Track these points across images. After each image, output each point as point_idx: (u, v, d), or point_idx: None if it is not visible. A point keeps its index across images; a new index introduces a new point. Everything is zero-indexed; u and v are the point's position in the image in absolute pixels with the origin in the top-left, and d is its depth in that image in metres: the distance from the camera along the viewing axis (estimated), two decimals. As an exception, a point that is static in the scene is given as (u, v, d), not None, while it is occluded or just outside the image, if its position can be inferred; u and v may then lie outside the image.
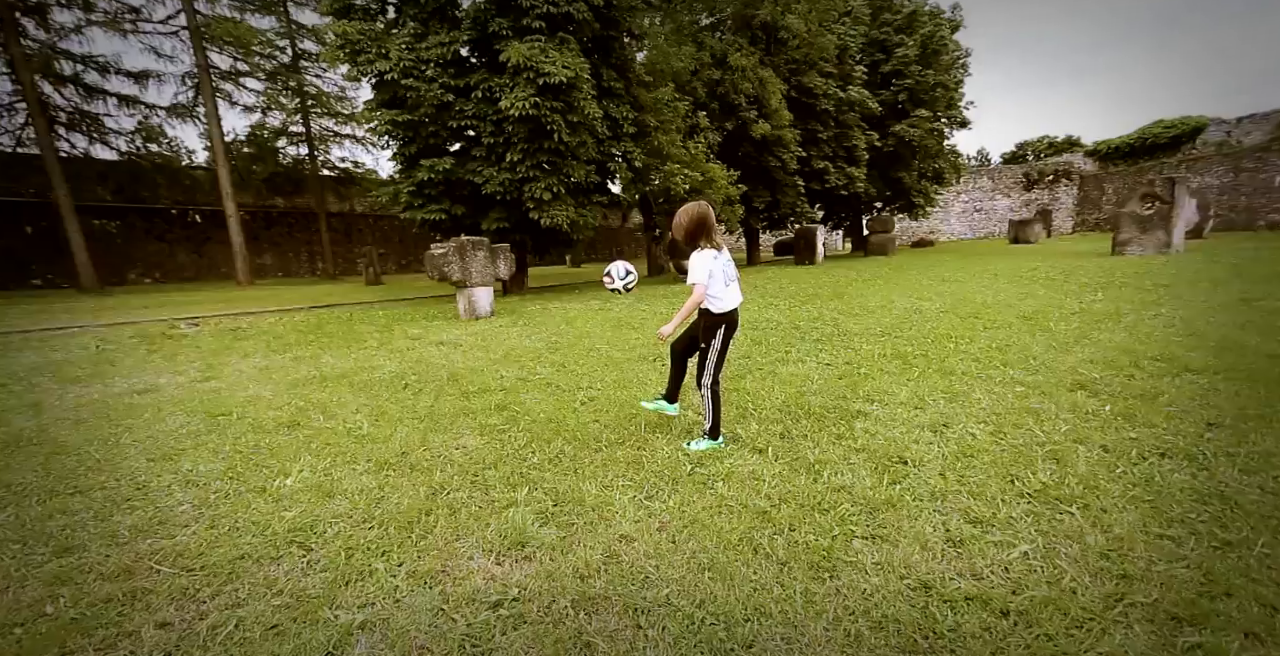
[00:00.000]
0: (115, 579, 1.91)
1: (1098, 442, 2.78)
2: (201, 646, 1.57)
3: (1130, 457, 2.61)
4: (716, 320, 2.91)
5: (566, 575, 1.87)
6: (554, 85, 8.97)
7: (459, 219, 10.45)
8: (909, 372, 4.17)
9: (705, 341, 2.94)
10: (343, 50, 10.00)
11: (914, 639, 1.55)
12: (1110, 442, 2.77)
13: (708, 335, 2.93)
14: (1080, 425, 3.02)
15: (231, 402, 4.11)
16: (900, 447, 2.82)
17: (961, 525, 2.12)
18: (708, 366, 2.94)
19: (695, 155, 13.87)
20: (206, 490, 2.59)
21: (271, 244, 22.33)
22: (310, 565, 1.96)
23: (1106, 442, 2.77)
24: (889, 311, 6.97)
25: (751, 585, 1.81)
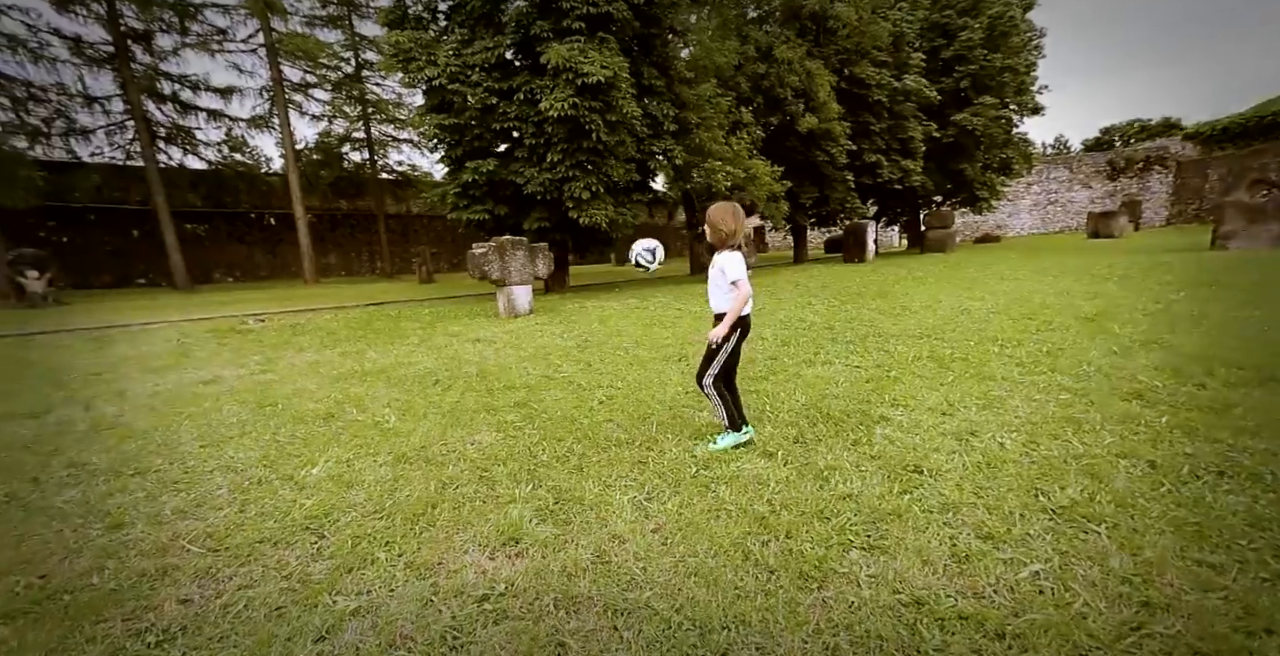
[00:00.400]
0: (152, 555, 2.09)
1: (1144, 458, 2.56)
2: (213, 623, 1.70)
3: (1180, 475, 2.39)
4: (738, 321, 2.87)
5: (554, 573, 1.90)
6: (592, 85, 9.06)
7: (502, 219, 10.73)
8: (943, 377, 3.97)
9: (720, 344, 2.89)
10: (396, 59, 10.46)
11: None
12: (1160, 458, 2.55)
13: (726, 337, 2.88)
14: (1128, 438, 2.80)
15: (279, 394, 4.40)
16: (919, 456, 2.69)
17: (970, 540, 2.01)
18: (713, 366, 2.91)
19: (737, 152, 13.66)
20: (242, 476, 2.79)
21: (335, 245, 23.72)
22: (319, 551, 2.08)
23: (1155, 458, 2.55)
24: (933, 312, 6.65)
25: (736, 592, 1.78)
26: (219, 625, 1.68)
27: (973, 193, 22.80)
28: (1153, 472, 2.43)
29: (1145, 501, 2.19)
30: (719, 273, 2.84)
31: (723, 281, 2.82)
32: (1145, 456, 2.57)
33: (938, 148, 21.05)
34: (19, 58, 16.85)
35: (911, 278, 10.82)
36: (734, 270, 2.76)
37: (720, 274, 2.82)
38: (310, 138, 22.68)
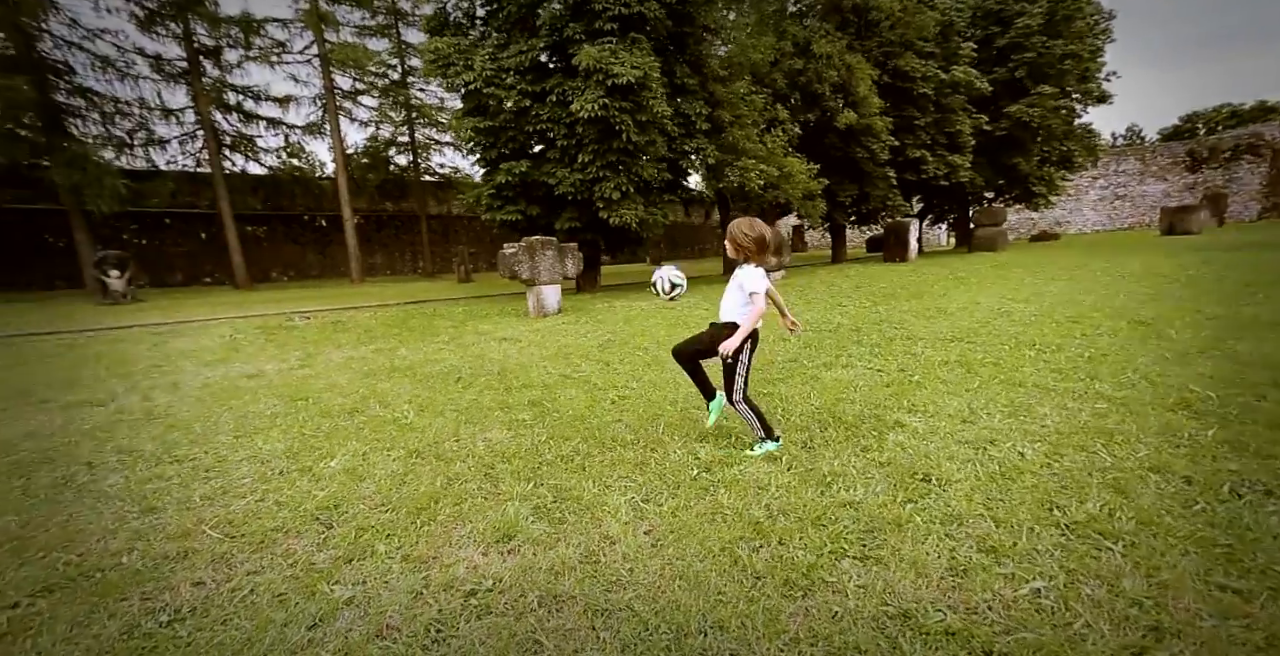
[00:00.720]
0: (176, 539, 2.24)
1: (1180, 473, 2.40)
2: (219, 606, 1.81)
3: (1219, 493, 2.22)
4: (750, 335, 2.83)
5: (541, 571, 1.94)
6: (622, 86, 9.10)
7: (534, 219, 10.91)
8: (968, 383, 3.81)
9: (734, 356, 2.84)
10: (435, 64, 10.79)
11: (872, 672, 1.45)
12: (1197, 474, 2.38)
13: (737, 350, 2.84)
14: (1165, 451, 2.62)
15: (312, 389, 4.62)
16: (930, 464, 2.60)
17: (971, 553, 1.93)
18: (738, 382, 2.86)
19: (772, 150, 13.44)
20: (267, 467, 2.95)
21: (381, 245, 24.68)
22: (325, 541, 2.18)
23: (1192, 474, 2.38)
24: (970, 314, 6.38)
25: (719, 597, 1.77)
26: (225, 608, 1.79)
27: (1027, 188, 21.68)
28: (1187, 489, 2.27)
29: (1173, 519, 2.05)
30: (738, 287, 2.80)
31: (740, 295, 2.78)
32: (1181, 471, 2.40)
33: (989, 141, 20.14)
34: (109, 76, 18.32)
35: (953, 278, 10.41)
36: (752, 283, 2.73)
37: (739, 288, 2.78)
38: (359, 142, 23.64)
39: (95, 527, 2.36)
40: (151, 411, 4.24)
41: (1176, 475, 2.38)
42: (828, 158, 17.23)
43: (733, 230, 2.82)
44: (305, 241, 23.47)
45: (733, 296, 2.84)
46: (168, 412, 4.19)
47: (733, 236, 2.81)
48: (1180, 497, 2.21)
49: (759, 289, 2.71)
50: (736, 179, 13.02)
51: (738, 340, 2.73)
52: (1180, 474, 2.39)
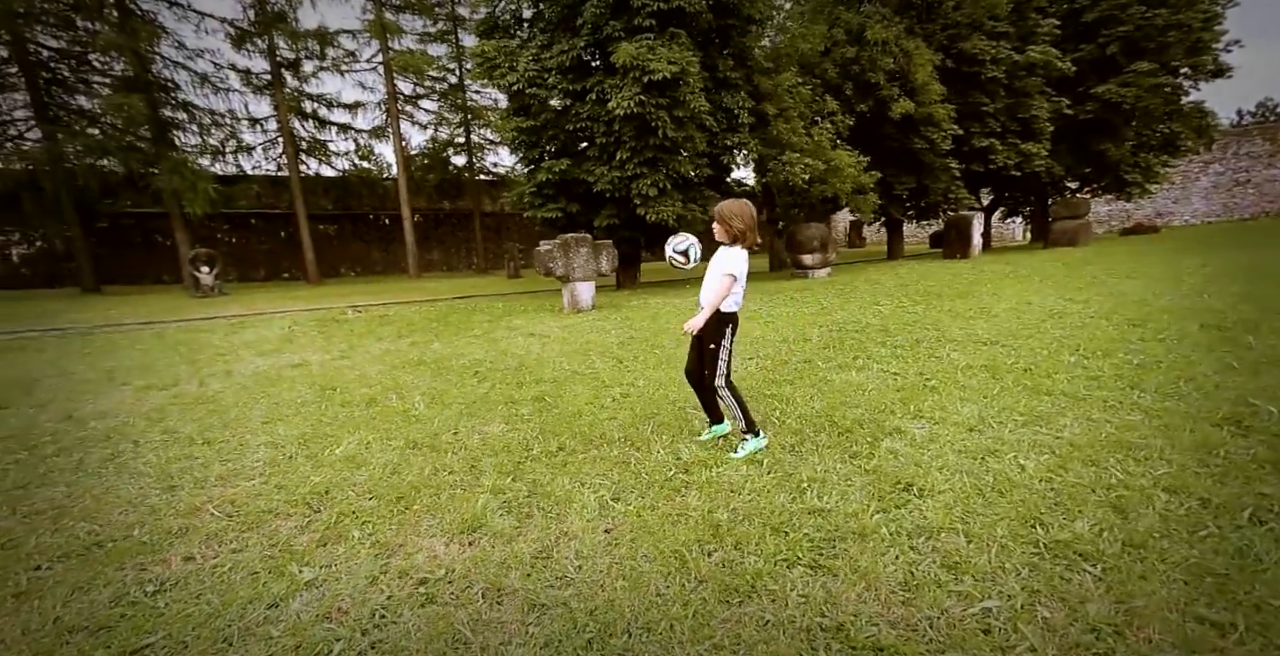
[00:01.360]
0: (183, 515, 2.46)
1: (1197, 494, 2.17)
2: (199, 580, 1.97)
3: (1236, 518, 2.01)
4: (727, 318, 2.82)
5: (494, 563, 1.99)
6: (658, 82, 9.06)
7: (574, 217, 11.07)
8: (989, 389, 3.57)
9: (714, 341, 2.82)
10: (481, 67, 11.13)
11: (784, 685, 1.41)
12: (1218, 496, 2.15)
13: (717, 335, 2.82)
14: (1189, 470, 2.38)
15: (343, 379, 4.91)
16: (917, 473, 2.47)
17: (932, 568, 1.83)
18: (720, 367, 2.85)
19: (819, 142, 13.01)
20: (279, 452, 3.17)
21: (439, 242, 25.80)
22: (308, 525, 2.33)
23: (1212, 496, 2.15)
24: (1017, 315, 5.96)
25: (655, 598, 1.76)
26: (204, 583, 1.95)
27: (1118, 177, 19.70)
28: (1200, 512, 2.06)
29: (1169, 543, 1.87)
30: (718, 268, 2.76)
31: (717, 275, 2.74)
32: (1200, 492, 2.18)
33: (1072, 126, 18.48)
34: (205, 91, 20.14)
35: (1013, 276, 9.74)
36: (731, 265, 2.71)
37: (718, 269, 2.74)
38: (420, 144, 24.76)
39: (120, 501, 2.63)
40: (202, 396, 4.64)
41: (1192, 496, 2.16)
42: (883, 149, 16.50)
43: (723, 211, 2.78)
44: (370, 239, 24.89)
45: (712, 277, 2.78)
46: (215, 398, 4.57)
47: (724, 217, 2.76)
48: (1188, 521, 2.00)
49: (736, 271, 2.70)
50: (781, 173, 12.72)
51: (700, 320, 2.70)
52: (1198, 495, 2.16)
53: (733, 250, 2.75)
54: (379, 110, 22.90)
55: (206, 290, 15.82)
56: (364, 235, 24.82)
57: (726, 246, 2.79)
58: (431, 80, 23.26)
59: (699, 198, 11.62)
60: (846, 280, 11.13)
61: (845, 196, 14.21)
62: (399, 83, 22.05)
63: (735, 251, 2.75)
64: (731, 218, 2.75)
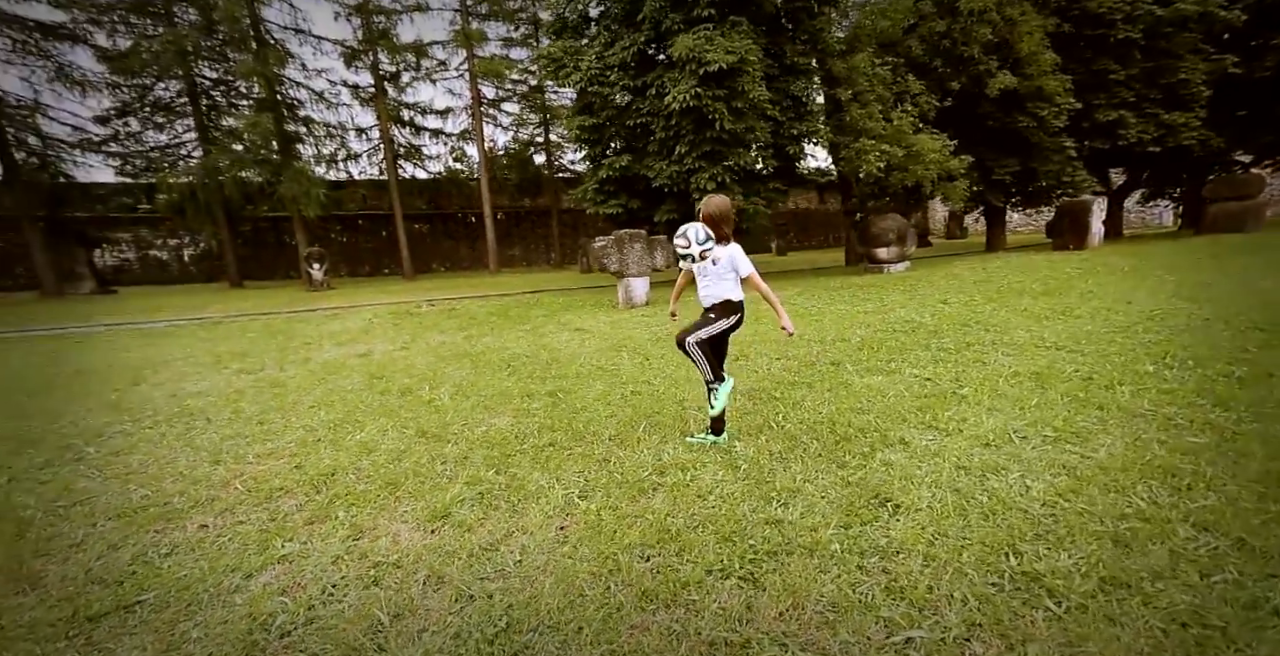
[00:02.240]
0: (215, 487, 2.80)
1: (1233, 533, 1.85)
2: (203, 547, 2.25)
3: (1272, 566, 1.68)
4: (738, 307, 2.86)
5: (443, 552, 2.10)
6: (715, 73, 8.87)
7: (635, 212, 11.15)
8: (1027, 400, 3.21)
9: (720, 314, 2.83)
10: (548, 68, 11.46)
11: (659, 699, 1.39)
12: (1260, 539, 1.82)
13: (724, 310, 2.84)
14: (1238, 504, 2.03)
15: (393, 369, 5.31)
16: (901, 488, 2.29)
17: (873, 590, 1.70)
18: (702, 333, 2.84)
19: (898, 127, 12.11)
20: (310, 435, 3.51)
21: (519, 238, 26.99)
22: (306, 503, 2.57)
23: (1251, 537, 1.82)
24: (1105, 316, 5.28)
25: (576, 599, 1.78)
26: (204, 550, 2.22)
27: (1312, 145, 16.30)
28: (1228, 554, 1.75)
29: (1164, 587, 1.61)
30: (731, 269, 2.79)
31: (728, 273, 2.79)
32: (1237, 532, 1.85)
33: (1240, 88, 15.52)
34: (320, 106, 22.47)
35: (1129, 270, 8.57)
36: (746, 264, 2.80)
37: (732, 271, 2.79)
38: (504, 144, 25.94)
39: (174, 470, 3.04)
40: (276, 381, 5.22)
41: (1227, 536, 1.83)
42: (979, 130, 15.09)
43: (719, 214, 2.79)
44: (458, 236, 26.56)
45: (720, 275, 2.81)
46: (285, 382, 5.12)
47: (720, 220, 2.78)
48: (1204, 563, 1.70)
49: (752, 268, 2.80)
50: (854, 162, 12.03)
51: (789, 321, 2.79)
52: (1234, 535, 1.83)
53: (738, 249, 2.82)
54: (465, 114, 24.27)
55: (317, 284, 17.68)
56: (453, 233, 26.54)
57: (719, 246, 2.77)
58: (513, 83, 24.26)
59: (763, 190, 11.27)
60: (922, 276, 10.34)
61: (929, 184, 13.16)
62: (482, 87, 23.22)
63: (740, 250, 2.82)
64: (724, 221, 2.80)
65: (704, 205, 2.83)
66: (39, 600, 1.94)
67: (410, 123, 25.02)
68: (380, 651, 1.59)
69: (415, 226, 25.29)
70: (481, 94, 22.93)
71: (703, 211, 2.83)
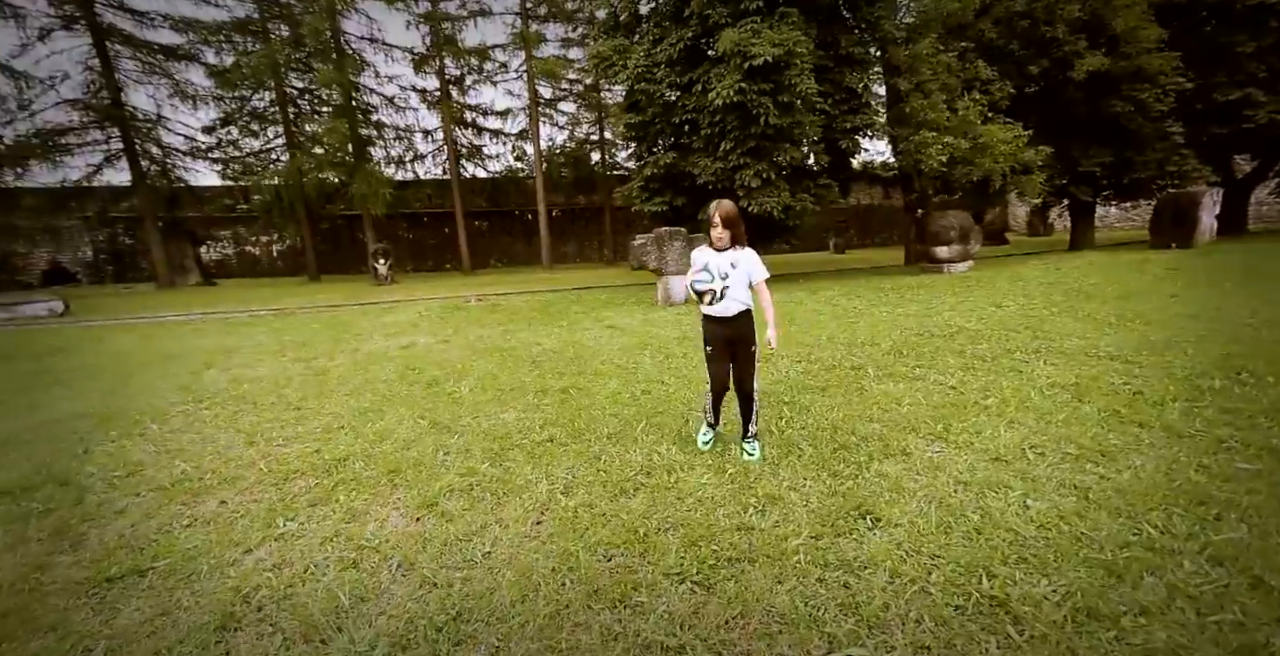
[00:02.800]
0: (243, 467, 3.05)
1: (1252, 570, 1.65)
2: (215, 522, 2.45)
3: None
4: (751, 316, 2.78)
5: (420, 540, 2.19)
6: (760, 67, 8.64)
7: (680, 210, 11.07)
8: (1056, 413, 2.96)
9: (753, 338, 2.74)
10: (597, 67, 11.58)
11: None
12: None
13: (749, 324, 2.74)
14: (1267, 539, 1.79)
15: (428, 361, 5.56)
16: (889, 501, 2.18)
17: (827, 604, 1.65)
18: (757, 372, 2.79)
19: (964, 117, 11.37)
20: (336, 421, 3.74)
21: (574, 235, 27.46)
22: (316, 485, 2.75)
23: (1272, 574, 1.61)
24: (1183, 325, 4.78)
25: (529, 593, 1.82)
26: (216, 525, 2.43)
27: None
28: (1240, 594, 1.56)
29: (1146, 622, 1.46)
30: (745, 274, 2.68)
31: (745, 278, 2.69)
32: (1257, 569, 1.64)
33: None
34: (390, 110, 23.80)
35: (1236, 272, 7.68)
36: (762, 270, 2.72)
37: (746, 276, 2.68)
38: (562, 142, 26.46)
39: (214, 450, 3.33)
40: (323, 369, 5.59)
41: (1244, 573, 1.63)
42: (1063, 117, 13.98)
43: (731, 217, 2.68)
44: (515, 233, 27.37)
45: (738, 281, 2.68)
46: (330, 371, 5.47)
47: (734, 221, 2.68)
48: (1205, 600, 1.53)
49: (766, 274, 2.72)
50: (912, 156, 11.42)
51: (776, 331, 2.72)
52: (1251, 573, 1.63)
53: (753, 252, 2.73)
54: (524, 115, 24.93)
55: (382, 279, 18.76)
56: (510, 229, 27.38)
57: (734, 250, 2.69)
58: (569, 82, 24.67)
59: (812, 187, 10.91)
60: (985, 276, 9.69)
61: (998, 178, 12.29)
62: (540, 88, 23.76)
63: (755, 255, 2.74)
64: (738, 223, 2.70)
65: (719, 211, 2.66)
66: (75, 560, 2.19)
67: (472, 124, 25.99)
68: (338, 631, 1.69)
69: (475, 223, 26.26)
70: (539, 94, 23.46)
71: (717, 215, 2.66)
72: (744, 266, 2.68)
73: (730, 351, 2.73)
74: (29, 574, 2.11)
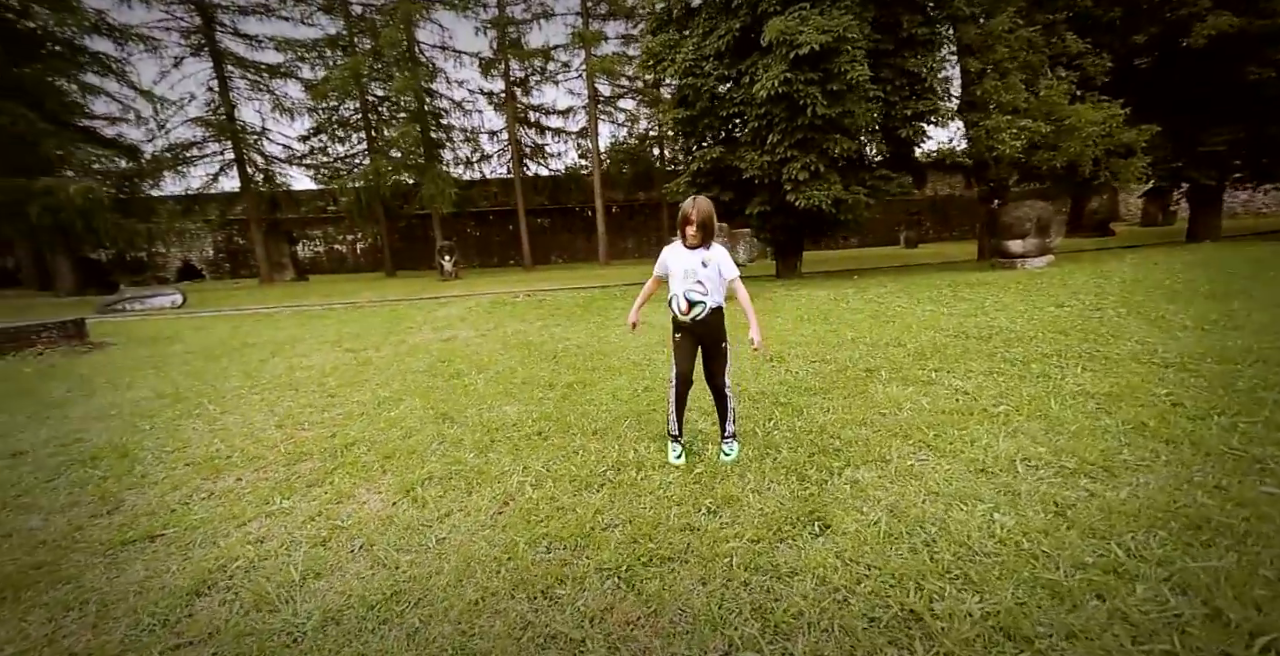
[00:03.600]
0: (266, 447, 3.35)
1: (1215, 601, 1.45)
2: (223, 498, 2.71)
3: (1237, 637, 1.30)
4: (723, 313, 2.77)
5: (387, 523, 2.33)
6: (806, 55, 8.32)
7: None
8: (1069, 424, 2.70)
9: (724, 336, 2.76)
10: (647, 63, 11.59)
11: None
12: (1245, 610, 1.40)
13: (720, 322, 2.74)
14: (1255, 571, 1.58)
15: (461, 354, 5.83)
16: (845, 509, 2.10)
17: (741, 608, 1.61)
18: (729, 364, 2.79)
19: (1047, 97, 10.42)
20: (359, 409, 4.01)
21: (632, 231, 27.67)
22: (319, 468, 2.97)
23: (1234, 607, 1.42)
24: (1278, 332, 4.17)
25: (463, 580, 1.90)
26: (227, 498, 2.69)
27: None
28: (1191, 626, 1.39)
29: (1070, 649, 1.32)
30: (717, 271, 2.67)
31: (721, 280, 2.68)
32: (1221, 602, 1.44)
33: None
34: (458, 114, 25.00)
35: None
36: (733, 267, 2.68)
37: (719, 273, 2.66)
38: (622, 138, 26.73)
39: (248, 432, 3.68)
40: (368, 360, 5.99)
41: (1205, 604, 1.45)
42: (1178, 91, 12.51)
43: (708, 217, 2.65)
44: (575, 230, 27.96)
45: (710, 278, 2.67)
46: (370, 362, 5.85)
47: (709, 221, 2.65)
48: (1147, 628, 1.37)
49: (737, 271, 2.69)
50: (983, 142, 10.62)
51: (759, 329, 2.67)
52: (1213, 603, 1.44)
53: (724, 249, 2.72)
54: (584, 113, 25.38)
55: (447, 275, 19.80)
56: (570, 226, 28.02)
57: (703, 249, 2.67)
58: (628, 79, 24.82)
59: (868, 178, 10.39)
60: (1062, 272, 8.88)
61: (1088, 163, 11.17)
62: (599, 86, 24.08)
63: (725, 251, 2.72)
64: (713, 221, 2.67)
65: (696, 208, 2.63)
66: (108, 523, 2.51)
67: (535, 124, 26.76)
68: (286, 603, 1.84)
69: (538, 220, 27.06)
70: (598, 92, 23.76)
71: (696, 213, 2.63)
72: (715, 264, 2.64)
73: (699, 345, 2.70)
74: (70, 532, 2.43)
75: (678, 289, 2.71)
